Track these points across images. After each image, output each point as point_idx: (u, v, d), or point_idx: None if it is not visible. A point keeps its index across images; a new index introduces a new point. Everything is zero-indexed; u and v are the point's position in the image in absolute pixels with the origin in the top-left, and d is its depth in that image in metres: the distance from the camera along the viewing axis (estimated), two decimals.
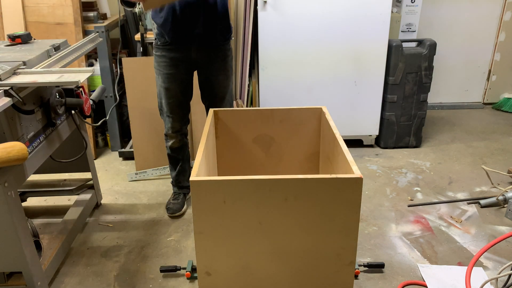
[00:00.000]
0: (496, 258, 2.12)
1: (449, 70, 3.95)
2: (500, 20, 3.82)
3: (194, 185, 1.32)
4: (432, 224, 2.39)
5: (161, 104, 2.34)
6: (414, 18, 3.30)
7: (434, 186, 2.77)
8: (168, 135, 2.41)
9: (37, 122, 1.86)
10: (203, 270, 1.46)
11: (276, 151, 2.05)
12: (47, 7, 2.91)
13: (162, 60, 2.24)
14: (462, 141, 3.39)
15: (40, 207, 2.62)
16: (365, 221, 2.42)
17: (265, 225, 1.39)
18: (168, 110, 2.32)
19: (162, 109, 2.36)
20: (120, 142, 3.26)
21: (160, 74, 2.27)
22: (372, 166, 3.04)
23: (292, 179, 1.33)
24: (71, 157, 2.25)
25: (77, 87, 2.05)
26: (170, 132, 2.39)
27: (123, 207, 2.61)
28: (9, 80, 1.61)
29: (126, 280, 2.02)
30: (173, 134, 2.39)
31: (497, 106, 4.03)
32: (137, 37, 2.98)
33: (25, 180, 1.78)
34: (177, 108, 2.33)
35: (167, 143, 2.44)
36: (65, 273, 2.07)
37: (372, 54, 3.03)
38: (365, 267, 2.04)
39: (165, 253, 2.20)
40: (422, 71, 3.09)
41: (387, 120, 3.22)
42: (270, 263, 1.46)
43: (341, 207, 1.36)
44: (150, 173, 2.92)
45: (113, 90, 3.10)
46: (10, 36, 2.11)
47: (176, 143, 2.42)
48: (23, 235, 1.73)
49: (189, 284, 1.98)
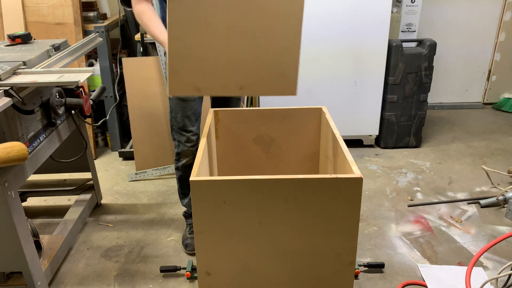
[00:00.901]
0: (496, 258, 2.12)
1: (449, 70, 3.95)
2: (500, 20, 3.82)
3: (194, 185, 1.32)
4: (432, 224, 2.39)
5: (175, 119, 2.04)
6: (414, 18, 3.30)
7: (434, 186, 2.77)
8: (182, 153, 2.09)
9: (37, 122, 1.87)
10: (203, 270, 1.46)
11: (276, 151, 2.05)
12: (47, 7, 2.91)
13: None
14: (462, 141, 3.39)
15: (40, 207, 2.62)
16: (365, 221, 2.42)
17: (265, 225, 1.39)
18: (186, 124, 2.03)
19: (176, 125, 2.05)
20: (120, 142, 3.26)
21: None
22: (372, 166, 3.04)
23: (292, 179, 1.33)
24: (71, 157, 2.25)
25: (77, 87, 2.05)
26: (186, 149, 2.07)
27: (123, 207, 2.61)
28: (9, 80, 1.61)
29: (126, 280, 2.02)
30: (189, 150, 2.08)
31: (497, 106, 4.03)
32: (137, 37, 2.98)
33: (25, 180, 1.78)
34: (195, 121, 2.07)
35: (180, 163, 2.12)
36: (65, 273, 2.07)
37: (372, 54, 3.03)
38: (365, 267, 2.04)
39: (165, 253, 2.20)
40: (422, 71, 3.09)
41: (387, 120, 3.22)
42: (270, 263, 1.46)
43: (341, 207, 1.36)
44: (150, 173, 2.92)
45: (113, 90, 3.10)
46: (10, 36, 2.11)
47: (191, 159, 2.09)
48: (23, 235, 1.73)
49: (189, 284, 1.98)
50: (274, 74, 1.63)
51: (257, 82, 1.62)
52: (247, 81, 1.62)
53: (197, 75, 1.58)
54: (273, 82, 1.64)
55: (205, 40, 1.55)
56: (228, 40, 1.55)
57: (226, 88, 1.62)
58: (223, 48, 1.56)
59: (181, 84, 1.58)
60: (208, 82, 1.60)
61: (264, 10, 1.54)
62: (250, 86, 1.62)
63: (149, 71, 2.81)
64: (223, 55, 1.57)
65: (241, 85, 1.63)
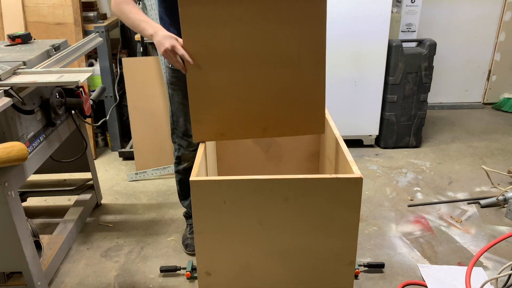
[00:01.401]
0: (496, 258, 2.12)
1: (449, 70, 3.95)
2: (500, 20, 3.81)
3: (194, 185, 1.32)
4: (432, 224, 2.39)
5: (177, 123, 1.97)
6: (414, 18, 3.30)
7: (434, 186, 2.77)
8: (183, 157, 2.06)
9: (37, 122, 1.86)
10: (203, 270, 1.46)
11: (276, 151, 2.05)
12: (47, 7, 2.91)
13: (182, 74, 1.71)
14: (462, 141, 3.39)
15: (40, 207, 2.62)
16: (365, 221, 2.42)
17: (265, 225, 1.39)
18: (188, 129, 1.96)
19: (179, 129, 1.99)
20: (120, 142, 3.26)
21: (179, 89, 1.89)
22: (372, 166, 3.04)
23: (292, 179, 1.33)
24: (71, 157, 2.25)
25: (77, 87, 2.04)
26: (187, 153, 2.03)
27: (123, 207, 2.61)
28: (9, 80, 1.61)
29: (126, 280, 2.02)
30: (190, 154, 2.03)
31: (497, 106, 4.03)
32: (137, 37, 2.98)
33: (25, 180, 1.78)
34: None
35: (180, 166, 2.09)
36: (65, 273, 2.07)
37: (372, 54, 3.03)
38: (365, 267, 2.04)
39: (165, 253, 2.20)
40: (422, 71, 3.09)
41: (387, 120, 3.22)
42: (270, 263, 1.45)
43: (341, 207, 1.36)
44: (150, 173, 2.91)
45: (113, 90, 3.10)
46: (10, 36, 2.11)
47: (192, 163, 1.98)
48: (23, 235, 1.73)
49: (189, 284, 1.98)
50: (300, 112, 1.56)
51: (282, 122, 1.56)
52: (271, 122, 1.56)
53: (220, 122, 1.56)
54: (299, 121, 1.57)
55: (225, 80, 1.49)
56: (249, 78, 1.50)
57: (249, 131, 1.58)
58: (244, 89, 1.51)
59: (205, 131, 1.57)
60: (231, 128, 1.57)
61: (286, 42, 1.46)
62: (274, 127, 1.57)
63: (149, 71, 2.81)
64: (245, 96, 1.52)
65: (264, 127, 1.57)
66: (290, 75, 1.51)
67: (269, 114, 1.56)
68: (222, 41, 1.45)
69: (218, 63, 1.48)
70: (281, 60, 1.49)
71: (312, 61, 1.51)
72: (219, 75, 1.49)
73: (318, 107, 1.58)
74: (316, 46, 1.50)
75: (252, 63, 1.48)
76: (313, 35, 1.48)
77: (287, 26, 1.45)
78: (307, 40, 1.48)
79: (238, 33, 1.44)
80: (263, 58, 1.48)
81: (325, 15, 1.48)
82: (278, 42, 1.47)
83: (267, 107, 1.54)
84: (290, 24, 1.45)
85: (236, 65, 1.48)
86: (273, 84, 1.52)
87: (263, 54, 1.47)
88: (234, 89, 1.51)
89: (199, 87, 1.50)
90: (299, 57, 1.49)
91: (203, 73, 1.48)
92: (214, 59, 1.47)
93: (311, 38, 1.48)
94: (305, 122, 1.59)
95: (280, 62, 1.49)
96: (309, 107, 1.57)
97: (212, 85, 1.50)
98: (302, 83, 1.53)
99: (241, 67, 1.48)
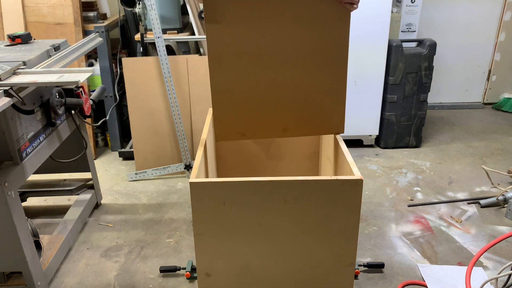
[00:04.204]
0: (496, 258, 2.12)
1: (449, 70, 3.95)
2: (500, 20, 3.81)
3: (193, 186, 1.32)
4: (432, 224, 2.39)
5: None
6: (414, 18, 3.29)
7: (434, 186, 2.77)
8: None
9: (37, 122, 1.87)
10: (202, 271, 1.46)
11: (276, 151, 2.05)
12: (47, 7, 2.91)
13: None
14: (462, 141, 3.39)
15: (40, 207, 2.62)
16: (365, 221, 2.42)
17: (265, 226, 1.39)
18: None
19: None
20: (120, 142, 3.26)
21: None
22: (372, 166, 3.04)
23: (292, 181, 1.33)
24: (71, 157, 2.25)
25: (77, 87, 2.05)
26: None
27: (123, 207, 2.61)
28: (9, 80, 1.61)
29: (126, 280, 2.02)
30: None
31: (497, 106, 4.03)
32: (137, 37, 2.97)
33: (25, 180, 1.78)
34: None
35: None
36: (65, 273, 2.07)
37: (372, 54, 3.03)
38: (365, 267, 2.04)
39: (165, 253, 2.20)
40: (422, 71, 3.09)
41: (387, 120, 3.22)
42: (269, 265, 1.46)
43: (341, 209, 1.36)
44: (150, 173, 2.91)
45: (113, 90, 3.10)
46: (10, 36, 2.11)
47: None
48: (23, 235, 1.73)
49: (189, 284, 1.98)
50: (320, 112, 1.57)
51: (302, 122, 1.57)
52: (291, 122, 1.58)
53: (241, 121, 1.58)
54: (319, 121, 1.59)
55: (247, 80, 1.51)
56: (271, 78, 1.51)
57: (270, 131, 1.60)
58: (266, 89, 1.52)
59: (226, 131, 1.59)
60: (252, 128, 1.59)
61: (309, 42, 1.46)
62: (294, 127, 1.59)
63: (149, 71, 2.81)
64: (266, 96, 1.53)
65: (285, 127, 1.59)
66: (312, 75, 1.52)
67: (290, 114, 1.57)
68: (246, 41, 1.45)
69: (241, 63, 1.49)
70: (303, 60, 1.50)
71: (335, 61, 1.52)
72: (241, 75, 1.50)
73: (339, 107, 1.59)
74: (340, 46, 1.51)
75: (275, 63, 1.49)
76: (337, 35, 1.49)
77: (310, 26, 1.46)
78: (331, 40, 1.49)
79: (262, 33, 1.45)
80: (285, 58, 1.49)
81: (349, 15, 1.50)
82: (301, 42, 1.47)
83: (288, 107, 1.56)
84: (314, 24, 1.45)
85: (259, 65, 1.49)
86: (294, 84, 1.53)
87: (286, 54, 1.48)
88: (255, 89, 1.52)
89: (221, 87, 1.51)
90: (322, 57, 1.50)
91: (226, 73, 1.49)
92: (237, 59, 1.48)
93: (335, 38, 1.49)
94: (325, 122, 1.60)
95: (302, 62, 1.50)
96: (330, 107, 1.58)
97: (234, 85, 1.51)
98: (324, 83, 1.53)
99: (263, 67, 1.49)
